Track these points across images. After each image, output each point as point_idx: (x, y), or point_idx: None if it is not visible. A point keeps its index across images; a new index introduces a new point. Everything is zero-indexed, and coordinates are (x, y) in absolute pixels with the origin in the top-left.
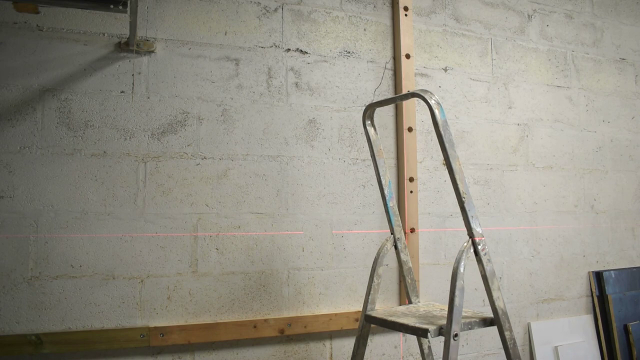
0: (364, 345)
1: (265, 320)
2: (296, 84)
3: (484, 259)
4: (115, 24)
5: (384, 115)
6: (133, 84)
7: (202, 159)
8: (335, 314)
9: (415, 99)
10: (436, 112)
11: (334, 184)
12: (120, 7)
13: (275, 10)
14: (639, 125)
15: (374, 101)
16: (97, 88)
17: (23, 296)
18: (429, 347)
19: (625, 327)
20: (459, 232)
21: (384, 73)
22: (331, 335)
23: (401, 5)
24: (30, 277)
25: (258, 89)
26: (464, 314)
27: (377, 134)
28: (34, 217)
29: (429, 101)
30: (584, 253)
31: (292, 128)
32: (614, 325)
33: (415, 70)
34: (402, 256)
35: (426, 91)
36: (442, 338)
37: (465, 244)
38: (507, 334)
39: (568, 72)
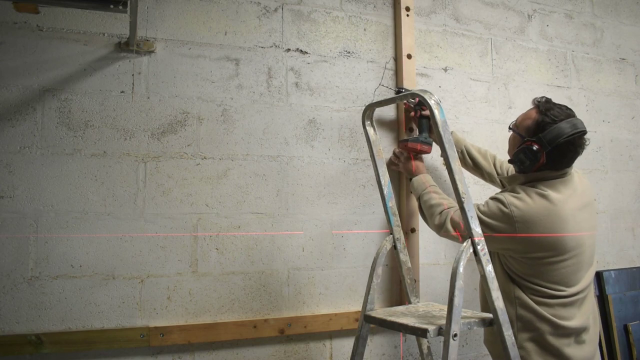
0: (364, 345)
1: (265, 320)
2: (296, 84)
3: (484, 259)
4: (115, 24)
5: (384, 115)
6: (133, 84)
7: (202, 159)
8: (335, 314)
9: None
10: (436, 112)
11: (334, 184)
12: (120, 7)
13: (275, 10)
14: (639, 125)
15: (374, 101)
16: (97, 88)
17: (23, 296)
18: (429, 347)
19: (625, 327)
20: None
21: (384, 73)
22: (331, 335)
23: (403, 6)
24: (30, 277)
25: (258, 89)
26: (463, 314)
27: (376, 134)
28: (34, 217)
29: (428, 101)
30: None
31: (292, 128)
32: (614, 325)
33: (415, 70)
34: (402, 256)
35: (426, 91)
36: (441, 338)
37: (465, 244)
38: (506, 334)
39: (568, 72)
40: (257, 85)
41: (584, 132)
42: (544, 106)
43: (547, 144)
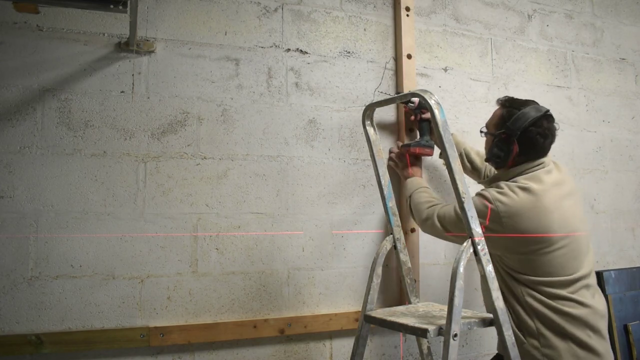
0: (364, 345)
1: (265, 320)
2: (296, 84)
3: (484, 259)
4: (115, 24)
5: (384, 115)
6: (133, 84)
7: (202, 159)
8: (335, 314)
9: None
10: (436, 112)
11: (334, 184)
12: (120, 7)
13: (275, 10)
14: (639, 125)
15: (374, 101)
16: (97, 88)
17: (23, 296)
18: (429, 348)
19: (625, 327)
20: None
21: (384, 73)
22: (331, 335)
23: (403, 6)
24: (30, 277)
25: (258, 89)
26: (463, 314)
27: (376, 134)
28: (34, 217)
29: (428, 101)
30: None
31: (292, 128)
32: (614, 325)
33: (415, 70)
34: (402, 256)
35: (426, 91)
36: (441, 338)
37: (465, 244)
38: (506, 334)
39: (568, 72)
40: (257, 85)
41: (548, 111)
42: (506, 101)
43: (516, 130)
